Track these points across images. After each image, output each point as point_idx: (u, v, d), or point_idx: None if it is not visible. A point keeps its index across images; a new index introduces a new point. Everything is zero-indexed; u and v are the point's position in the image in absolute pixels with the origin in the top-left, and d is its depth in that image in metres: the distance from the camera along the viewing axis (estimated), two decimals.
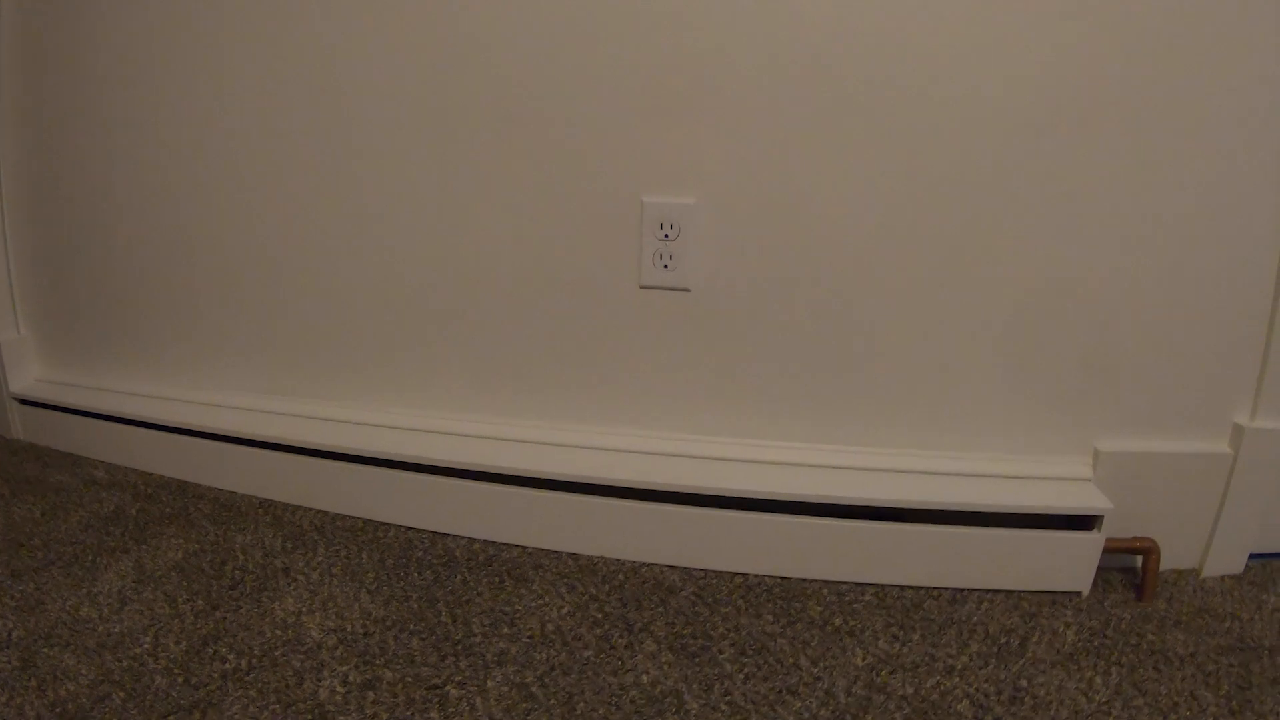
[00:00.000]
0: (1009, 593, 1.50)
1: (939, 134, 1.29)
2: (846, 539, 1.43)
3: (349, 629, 1.23)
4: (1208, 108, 1.21)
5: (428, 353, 1.59)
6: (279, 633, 1.20)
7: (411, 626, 1.24)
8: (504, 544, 1.53)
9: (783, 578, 1.48)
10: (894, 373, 1.47)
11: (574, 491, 1.44)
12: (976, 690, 1.20)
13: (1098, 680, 1.28)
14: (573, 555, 1.50)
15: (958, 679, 1.21)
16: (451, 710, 1.05)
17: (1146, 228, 1.32)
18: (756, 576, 1.47)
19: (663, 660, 1.16)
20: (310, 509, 1.63)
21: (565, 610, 1.30)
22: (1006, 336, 1.41)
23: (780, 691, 1.12)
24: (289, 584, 1.34)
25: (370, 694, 1.08)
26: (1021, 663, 1.29)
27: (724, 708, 1.07)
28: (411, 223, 1.49)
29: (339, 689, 1.08)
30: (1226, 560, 1.61)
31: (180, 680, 1.08)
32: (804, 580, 1.47)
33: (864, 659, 1.24)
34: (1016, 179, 1.31)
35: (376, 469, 1.53)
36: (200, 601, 1.27)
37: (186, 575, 1.35)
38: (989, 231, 1.36)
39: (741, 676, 1.15)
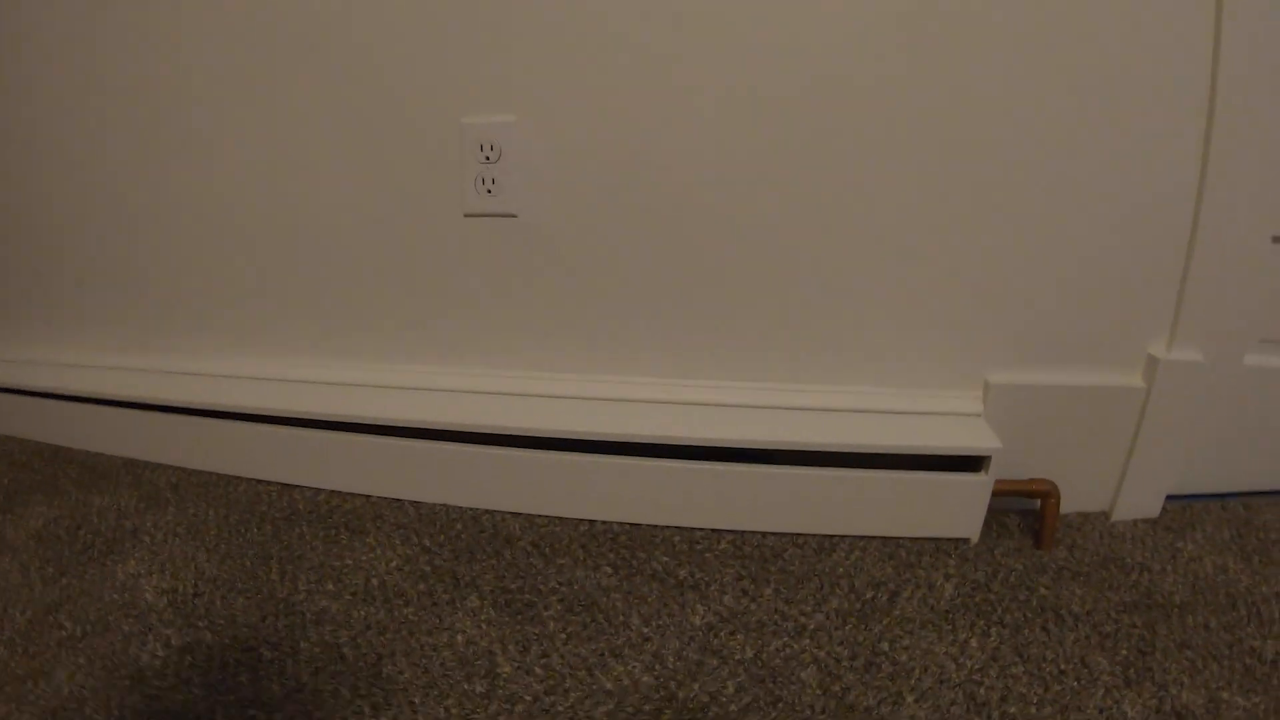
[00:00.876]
0: (887, 540, 1.35)
1: (794, 37, 1.15)
2: (701, 482, 1.31)
3: (181, 590, 1.19)
4: None
5: (271, 299, 1.52)
6: (116, 597, 1.17)
7: (240, 585, 1.20)
8: (349, 494, 1.46)
9: (632, 525, 1.37)
10: (756, 300, 1.33)
11: (411, 437, 1.37)
12: (827, 654, 1.08)
13: (973, 643, 1.13)
14: (415, 504, 1.43)
15: (808, 640, 1.10)
16: (262, 673, 1.00)
17: (1044, 137, 1.18)
18: (604, 524, 1.37)
19: (483, 618, 1.10)
20: (171, 467, 1.59)
21: (394, 564, 1.24)
22: (887, 255, 1.28)
23: (603, 654, 1.03)
24: (135, 546, 1.31)
25: (188, 657, 1.04)
26: (886, 622, 1.15)
27: (538, 671, 1.00)
28: (243, 168, 1.43)
29: (160, 653, 1.05)
30: (1140, 503, 1.46)
31: (20, 650, 1.06)
32: (655, 528, 1.35)
33: (703, 617, 1.13)
34: (890, 83, 1.17)
35: (225, 422, 1.48)
36: (50, 569, 1.25)
37: (43, 543, 1.33)
38: (859, 142, 1.20)
39: (564, 636, 1.07)
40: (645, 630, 1.08)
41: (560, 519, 1.37)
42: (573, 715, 0.91)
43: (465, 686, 0.96)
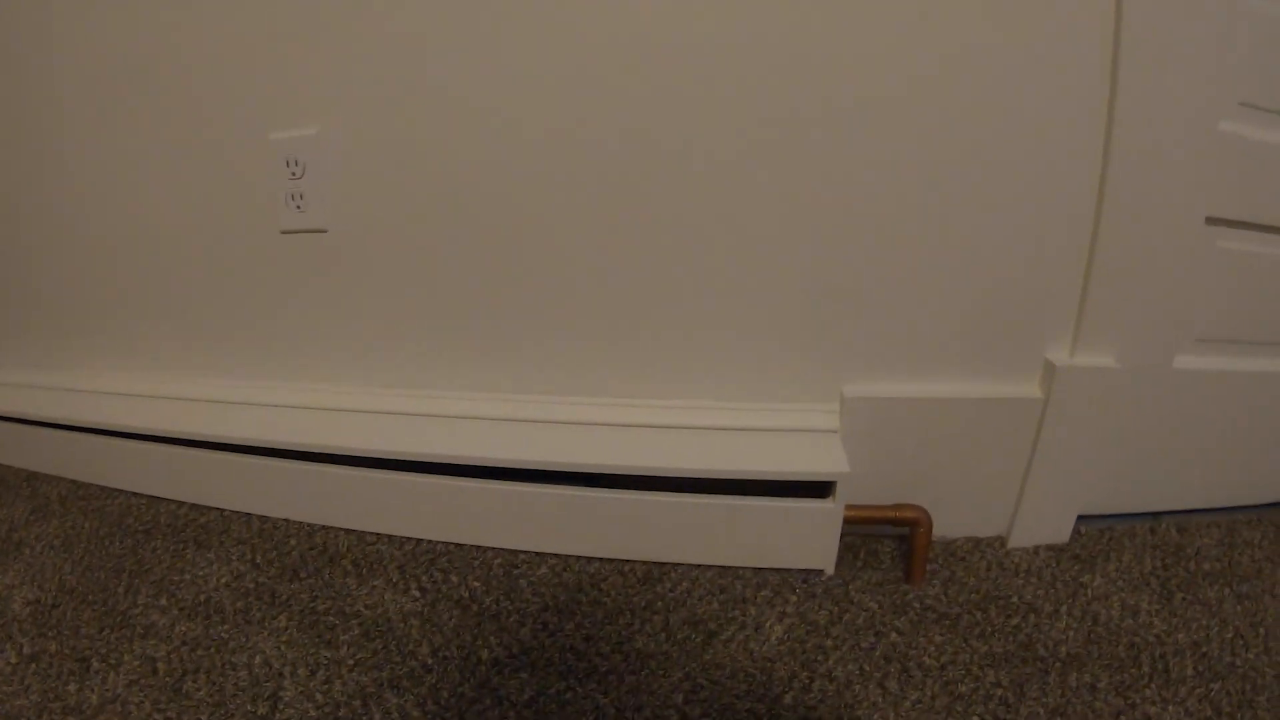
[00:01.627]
0: (726, 570, 1.21)
1: (616, 34, 1.05)
2: (524, 504, 1.22)
3: (44, 600, 1.18)
4: None
5: (132, 315, 1.53)
6: None
7: (91, 597, 1.18)
8: (207, 507, 1.44)
9: (456, 545, 1.28)
10: (586, 312, 1.23)
11: (249, 453, 1.34)
12: (611, 702, 0.96)
13: (786, 700, 1.02)
14: (261, 519, 1.39)
15: (594, 685, 0.99)
16: (86, 683, 1.00)
17: (922, 121, 1.05)
18: (429, 543, 1.29)
19: (284, 639, 1.06)
20: (65, 480, 1.60)
21: (224, 579, 1.21)
22: (732, 259, 1.16)
23: (381, 685, 0.97)
24: (16, 558, 1.31)
25: (32, 665, 1.04)
26: (690, 668, 1.01)
27: (318, 697, 0.95)
28: (96, 188, 1.43)
29: (12, 661, 1.05)
30: (1042, 526, 1.26)
31: None
32: (479, 549, 1.27)
33: (493, 651, 1.04)
34: (728, 77, 1.05)
35: (102, 438, 1.48)
36: None
37: None
38: (698, 139, 1.09)
39: (352, 663, 1.01)
40: (430, 662, 1.00)
41: (389, 537, 1.30)
42: None
43: (249, 708, 0.93)
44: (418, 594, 1.14)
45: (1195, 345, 1.20)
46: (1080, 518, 1.29)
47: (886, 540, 1.32)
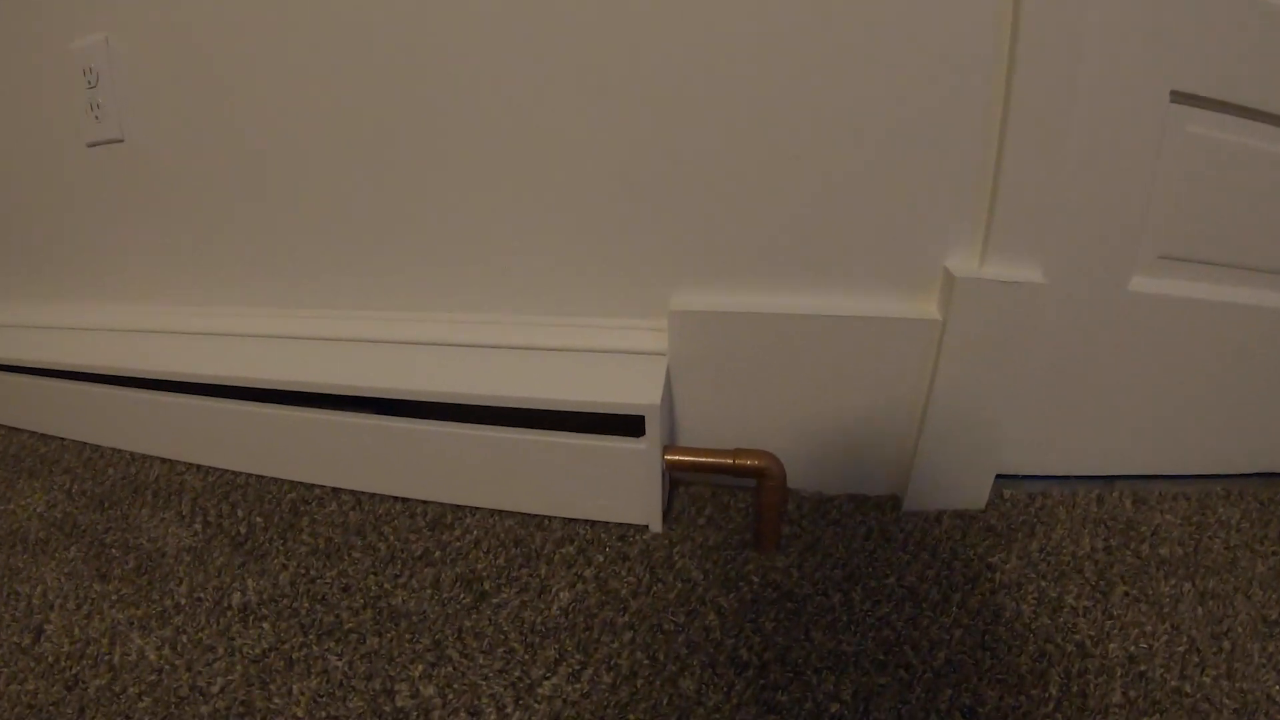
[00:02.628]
0: (530, 519, 1.04)
1: None
2: (316, 432, 1.08)
3: None
4: None
5: None
6: None
7: None
8: (51, 437, 1.43)
9: (259, 476, 1.18)
10: (388, 222, 1.10)
11: (76, 380, 1.28)
12: (346, 665, 0.83)
13: (543, 688, 0.80)
14: (93, 447, 1.34)
15: (332, 644, 0.86)
16: None
17: None
18: (233, 474, 1.20)
19: (67, 570, 1.00)
20: None
21: (39, 509, 1.17)
22: (546, 151, 0.98)
23: (133, 623, 0.89)
24: None
25: None
26: (450, 632, 0.85)
27: (75, 632, 0.89)
28: None
29: None
30: (950, 486, 0.99)
31: None
32: (280, 481, 1.16)
33: (245, 595, 0.93)
34: None
35: None
36: None
37: None
38: (494, 32, 0.94)
39: (115, 598, 0.94)
40: (183, 602, 0.90)
41: (198, 467, 1.21)
42: (72, 685, 0.79)
43: (15, 640, 0.86)
44: (199, 528, 1.05)
45: (1157, 264, 0.89)
46: (1003, 478, 0.99)
47: (743, 493, 1.03)
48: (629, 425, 0.89)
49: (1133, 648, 0.79)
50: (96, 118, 1.19)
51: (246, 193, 1.14)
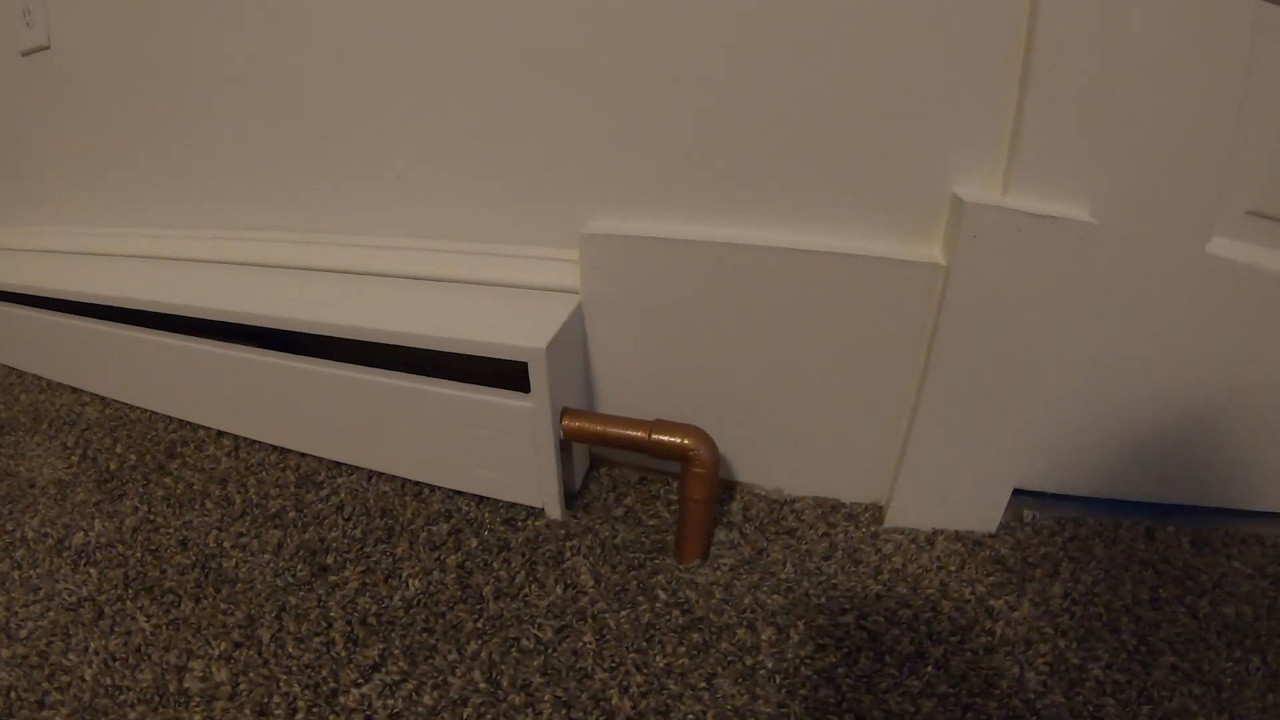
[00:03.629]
0: (409, 486, 0.85)
1: None
2: (189, 363, 0.92)
3: None
4: None
5: None
6: None
7: None
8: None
9: (151, 412, 1.07)
10: (295, 139, 0.91)
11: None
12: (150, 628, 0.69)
13: (350, 696, 0.63)
14: (18, 372, 1.27)
15: (146, 601, 0.74)
16: None
17: None
18: (129, 408, 1.09)
19: None
20: None
21: None
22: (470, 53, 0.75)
23: None
24: None
25: None
26: (271, 608, 0.71)
27: None
28: None
29: None
30: (950, 499, 0.72)
31: None
32: (166, 419, 1.05)
33: (80, 540, 0.82)
34: None
35: None
36: None
37: None
38: None
39: None
40: (30, 536, 0.82)
41: (101, 398, 1.13)
42: None
43: None
44: (75, 461, 0.94)
45: (1244, 221, 0.61)
46: (1022, 495, 0.73)
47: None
48: (522, 378, 0.68)
49: None
50: (28, 24, 1.08)
51: (156, 108, 1.01)
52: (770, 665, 0.60)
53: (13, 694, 0.61)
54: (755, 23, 0.60)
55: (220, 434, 0.94)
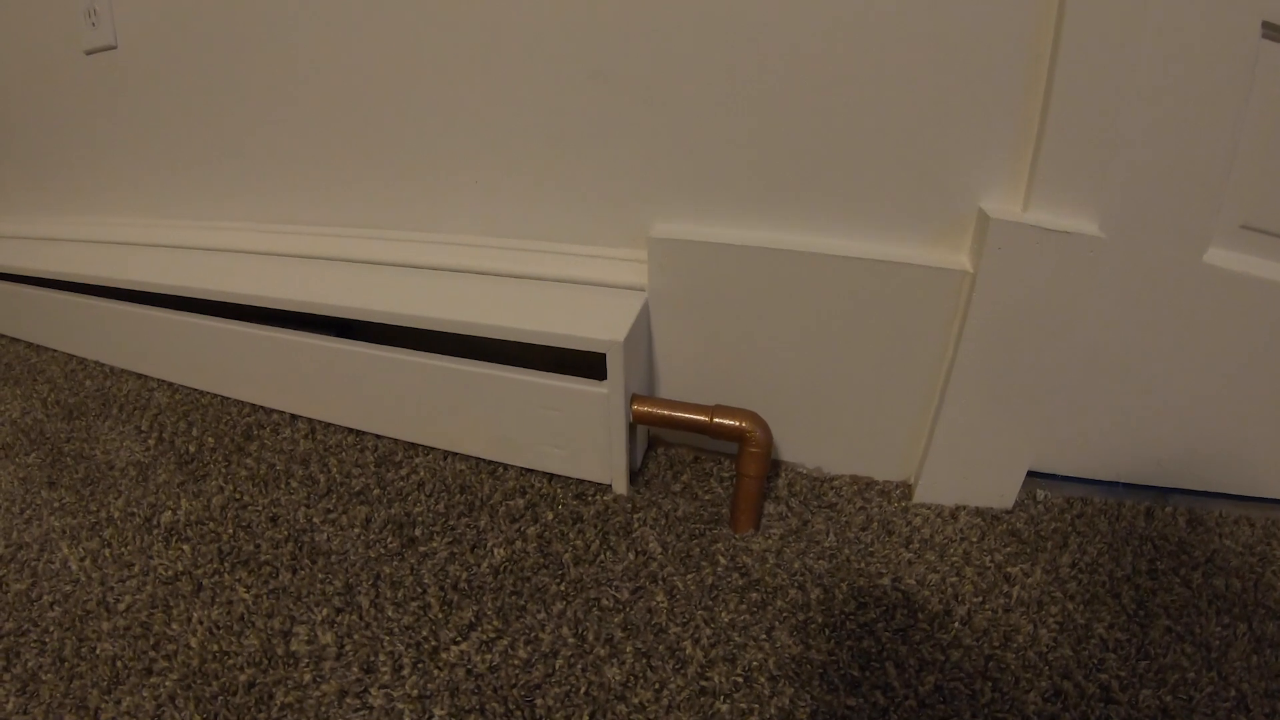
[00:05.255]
0: (482, 464, 0.91)
1: None
2: (268, 351, 0.98)
3: None
4: None
5: None
6: None
7: None
8: (40, 347, 1.39)
9: (222, 397, 1.10)
10: (364, 138, 0.97)
11: (61, 289, 1.23)
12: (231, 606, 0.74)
13: (449, 653, 0.70)
14: (80, 360, 1.32)
15: (244, 571, 0.77)
16: None
17: None
18: (198, 393, 1.14)
19: (21, 475, 0.97)
20: None
21: (14, 415, 1.13)
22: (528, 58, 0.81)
23: (64, 533, 0.86)
24: None
25: None
26: (367, 577, 0.77)
27: (13, 536, 0.86)
28: None
29: None
30: (972, 478, 0.81)
31: None
32: (239, 404, 1.08)
33: (169, 518, 0.86)
34: None
35: None
36: None
37: None
38: None
39: (57, 505, 0.90)
40: (116, 515, 0.87)
41: (169, 384, 1.18)
42: None
43: None
44: (152, 444, 0.98)
45: (1239, 235, 0.70)
46: (1036, 476, 0.82)
47: (729, 461, 0.88)
48: (594, 367, 0.75)
49: (1169, 698, 0.62)
50: (93, 24, 1.11)
51: (229, 105, 1.05)
52: (820, 620, 0.68)
53: (118, 663, 0.66)
54: (807, 49, 0.68)
55: (294, 418, 0.99)
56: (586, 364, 0.74)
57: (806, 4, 0.66)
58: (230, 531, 0.80)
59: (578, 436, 0.79)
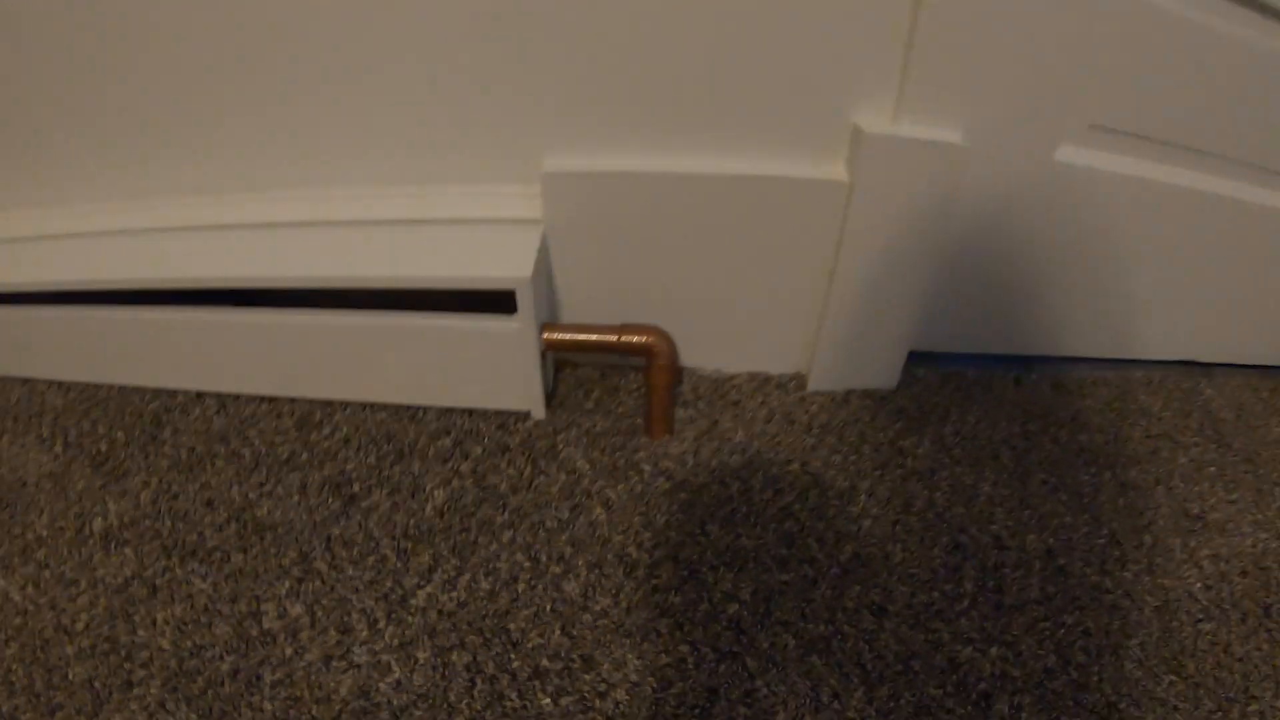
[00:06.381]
0: (403, 410, 0.92)
1: None
2: (159, 332, 0.92)
3: None
4: None
5: None
6: None
7: None
8: None
9: (119, 387, 1.02)
10: (224, 87, 0.87)
11: None
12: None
13: (418, 596, 0.74)
14: None
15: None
16: None
17: None
18: (94, 387, 1.02)
19: None
20: None
21: None
22: None
23: None
24: None
25: None
26: (319, 543, 0.79)
27: None
28: None
29: None
30: (859, 364, 0.90)
31: None
32: (138, 390, 1.01)
33: (100, 525, 0.82)
34: None
35: None
36: None
37: None
38: None
39: None
40: (45, 534, 0.81)
41: (59, 384, 1.05)
42: None
43: None
44: (60, 450, 0.91)
45: (1088, 133, 0.77)
46: (916, 356, 0.90)
47: (635, 375, 0.92)
48: (502, 302, 0.78)
49: (1051, 540, 0.73)
50: None
51: (61, 66, 0.92)
52: (744, 510, 0.75)
53: (96, 684, 0.64)
54: None
55: (201, 395, 0.96)
56: (493, 299, 0.78)
57: None
58: (169, 525, 0.79)
59: (493, 371, 0.82)
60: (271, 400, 0.92)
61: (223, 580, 0.73)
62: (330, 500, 0.80)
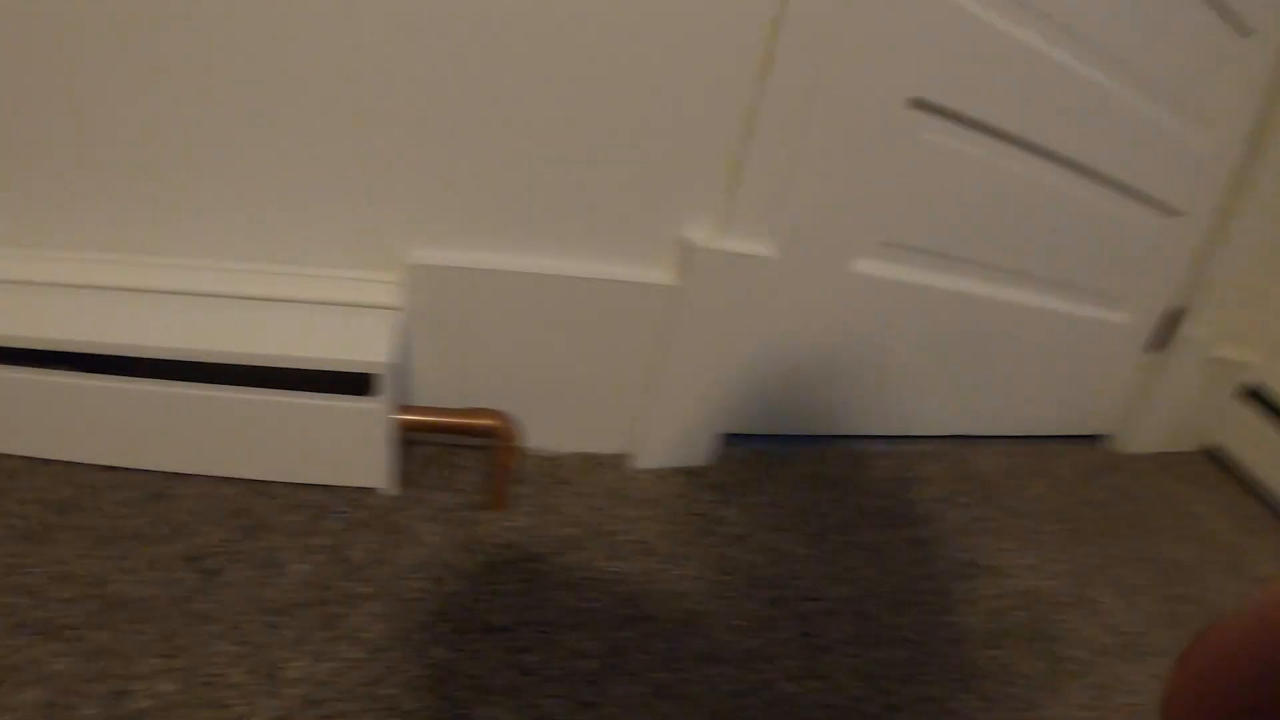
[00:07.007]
0: (256, 486, 0.92)
1: None
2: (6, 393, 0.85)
3: None
4: None
5: None
6: None
7: None
8: None
9: None
10: (97, 153, 0.85)
11: None
12: None
13: (291, 670, 0.74)
14: None
15: None
16: None
17: None
18: None
19: None
20: None
21: None
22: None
23: None
24: None
25: None
26: (179, 620, 0.75)
27: None
28: None
29: None
30: (677, 444, 1.02)
31: None
32: None
33: None
34: None
35: None
36: None
37: None
38: None
39: None
40: None
41: None
42: None
43: None
44: None
45: (880, 249, 0.96)
46: (729, 437, 1.03)
47: (477, 454, 0.99)
48: (356, 383, 0.83)
49: (852, 589, 0.86)
50: None
51: None
52: (585, 576, 0.83)
53: None
54: (540, 114, 0.82)
55: (47, 461, 0.91)
56: (347, 379, 0.83)
57: (546, 68, 0.81)
58: (17, 601, 0.74)
59: (348, 448, 0.86)
60: (119, 470, 0.90)
61: (83, 659, 0.70)
62: (189, 576, 0.79)
